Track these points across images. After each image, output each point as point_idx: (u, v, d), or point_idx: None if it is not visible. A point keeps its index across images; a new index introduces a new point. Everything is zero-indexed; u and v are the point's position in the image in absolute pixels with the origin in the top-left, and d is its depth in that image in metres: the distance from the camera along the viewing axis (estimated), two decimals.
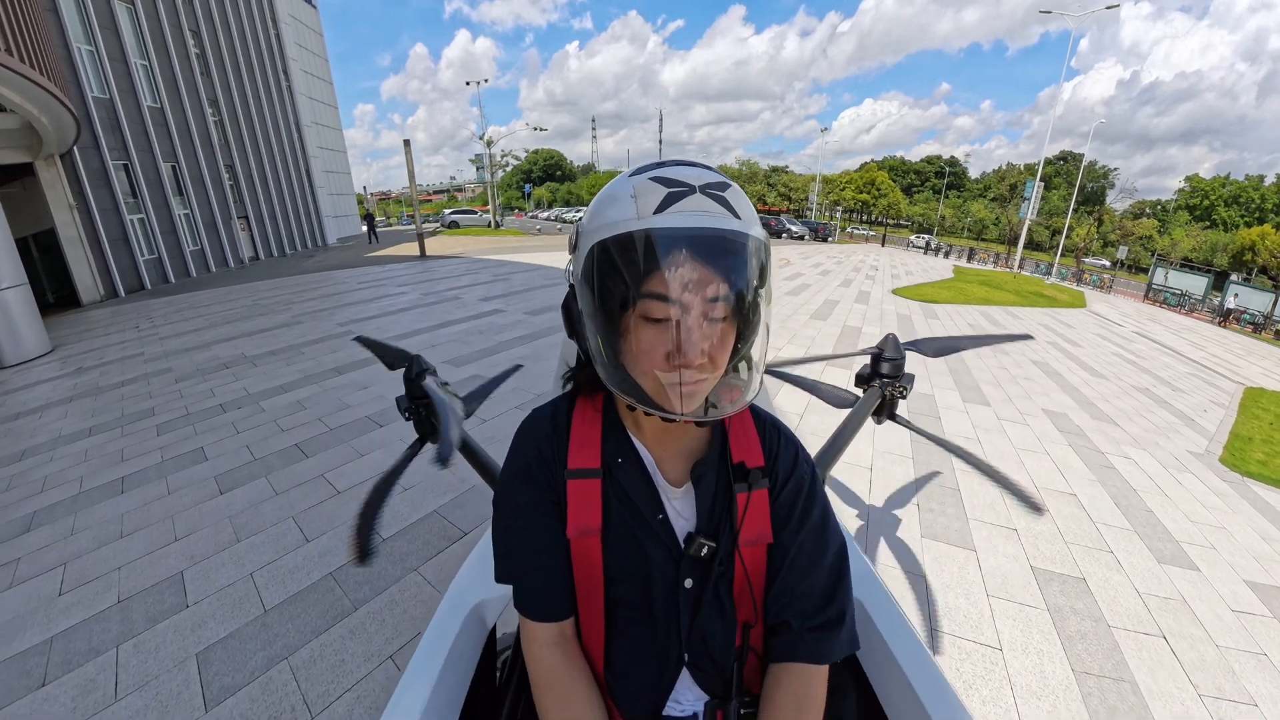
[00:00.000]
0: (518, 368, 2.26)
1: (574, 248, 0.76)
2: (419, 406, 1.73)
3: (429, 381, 1.57)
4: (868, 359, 1.89)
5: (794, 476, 0.90)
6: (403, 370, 1.74)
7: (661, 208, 0.66)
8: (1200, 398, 8.56)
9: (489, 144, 34.58)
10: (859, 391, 1.92)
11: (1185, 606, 3.02)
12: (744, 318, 0.71)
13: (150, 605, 2.63)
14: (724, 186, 0.69)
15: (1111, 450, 5.26)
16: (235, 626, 2.49)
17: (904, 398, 1.82)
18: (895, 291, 15.65)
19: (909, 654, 0.96)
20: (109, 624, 2.53)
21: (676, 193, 0.67)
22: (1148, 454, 5.36)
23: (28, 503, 3.77)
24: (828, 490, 1.53)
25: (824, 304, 12.09)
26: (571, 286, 0.77)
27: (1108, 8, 26.64)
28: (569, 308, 0.79)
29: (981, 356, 8.28)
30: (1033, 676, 2.38)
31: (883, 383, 1.82)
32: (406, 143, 16.89)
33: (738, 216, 0.67)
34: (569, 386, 0.91)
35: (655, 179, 0.69)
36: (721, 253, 0.66)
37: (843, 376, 6.56)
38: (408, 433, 4.45)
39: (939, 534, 3.37)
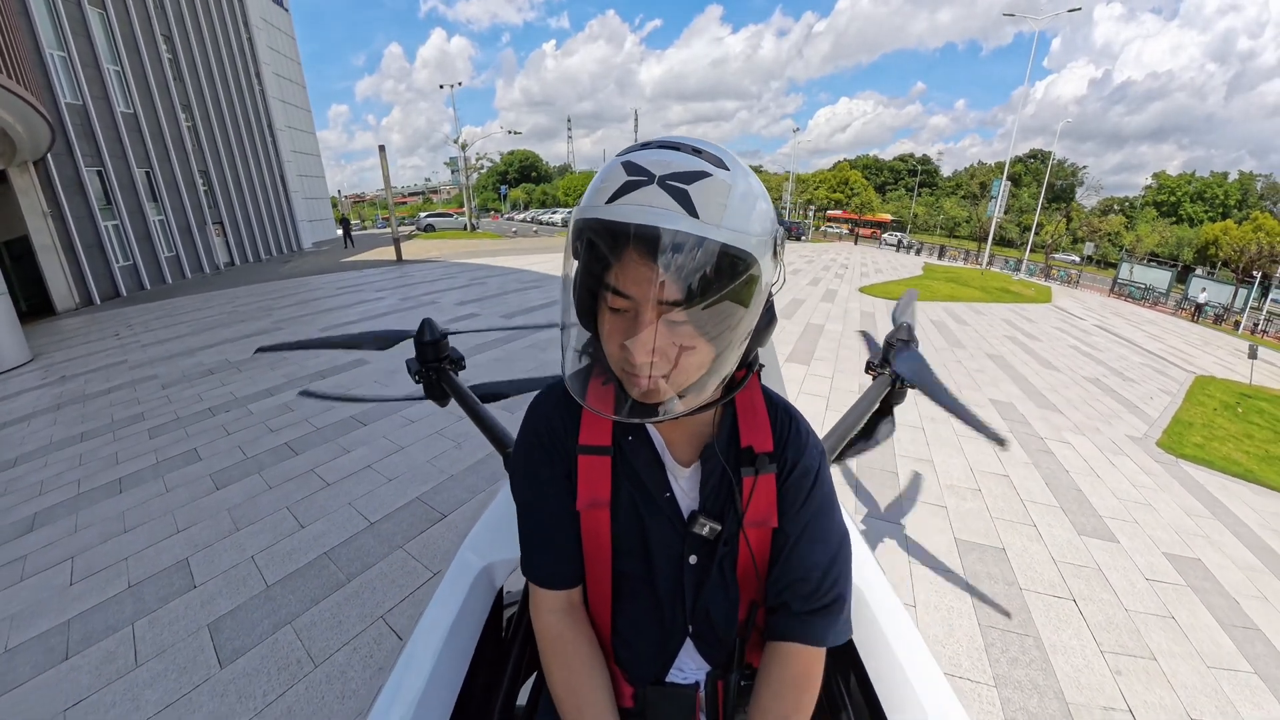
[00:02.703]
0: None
1: None
2: (429, 370, 1.78)
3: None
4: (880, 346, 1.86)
5: (802, 463, 0.90)
6: (411, 339, 1.79)
7: (615, 197, 0.63)
8: (1149, 386, 9.01)
9: (464, 147, 34.66)
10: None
11: (1099, 574, 3.36)
12: (695, 322, 0.67)
13: (160, 588, 2.89)
14: (693, 178, 0.63)
15: (1051, 436, 5.62)
16: (241, 600, 2.77)
17: (914, 387, 1.79)
18: (862, 290, 16.05)
19: (904, 642, 0.99)
20: (122, 605, 2.79)
21: (633, 182, 0.63)
22: (1086, 439, 5.72)
23: (26, 505, 3.95)
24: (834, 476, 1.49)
25: (790, 302, 12.43)
26: None
27: (1070, 11, 27.64)
28: None
29: (937, 350, 8.67)
30: (940, 629, 2.71)
31: (894, 371, 1.79)
32: (381, 148, 17.02)
33: (694, 215, 0.61)
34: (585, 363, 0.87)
35: (626, 163, 0.65)
36: (659, 251, 0.61)
37: (850, 365, 6.89)
38: (396, 430, 4.72)
39: (872, 511, 3.73)
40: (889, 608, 1.06)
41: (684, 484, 0.90)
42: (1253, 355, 11.36)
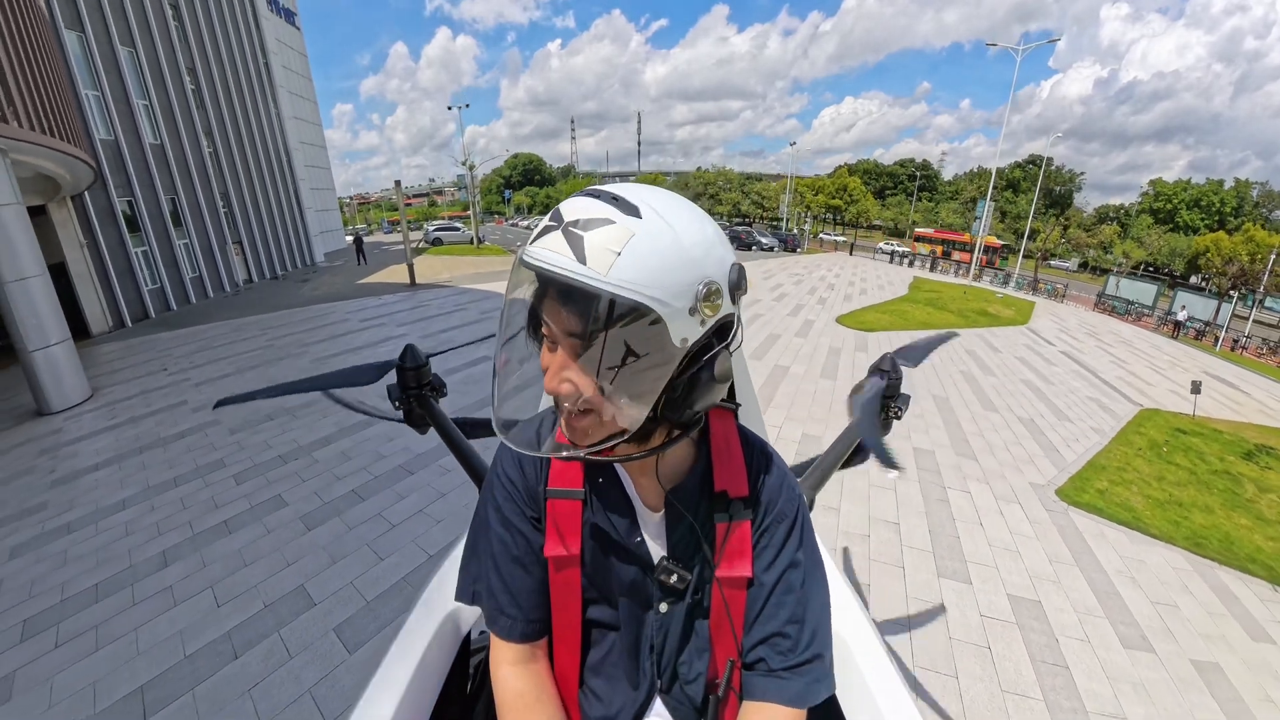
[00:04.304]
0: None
1: None
2: (409, 397, 1.80)
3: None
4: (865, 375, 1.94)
5: (778, 508, 0.88)
6: (394, 367, 1.82)
7: (534, 239, 0.68)
8: (1083, 425, 9.53)
9: (471, 168, 36.00)
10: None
11: (939, 609, 4.21)
12: (588, 364, 0.69)
13: (289, 606, 4.12)
14: (593, 225, 0.65)
15: (955, 485, 6.36)
16: (352, 612, 4.03)
17: (899, 418, 1.87)
18: (839, 320, 16.68)
19: (890, 698, 0.94)
20: (265, 620, 4.00)
21: (547, 227, 0.67)
22: (987, 487, 6.43)
23: (153, 544, 5.01)
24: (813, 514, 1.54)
25: (766, 339, 13.22)
26: None
27: (1050, 41, 29.10)
28: None
29: None
30: None
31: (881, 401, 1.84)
32: (397, 183, 18.26)
33: (582, 260, 0.63)
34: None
35: (561, 206, 0.69)
36: (555, 293, 0.67)
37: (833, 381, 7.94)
38: (436, 479, 5.90)
39: None
40: (874, 659, 1.02)
41: (654, 529, 0.89)
42: (1195, 390, 11.57)
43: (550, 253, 0.65)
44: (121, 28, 17.09)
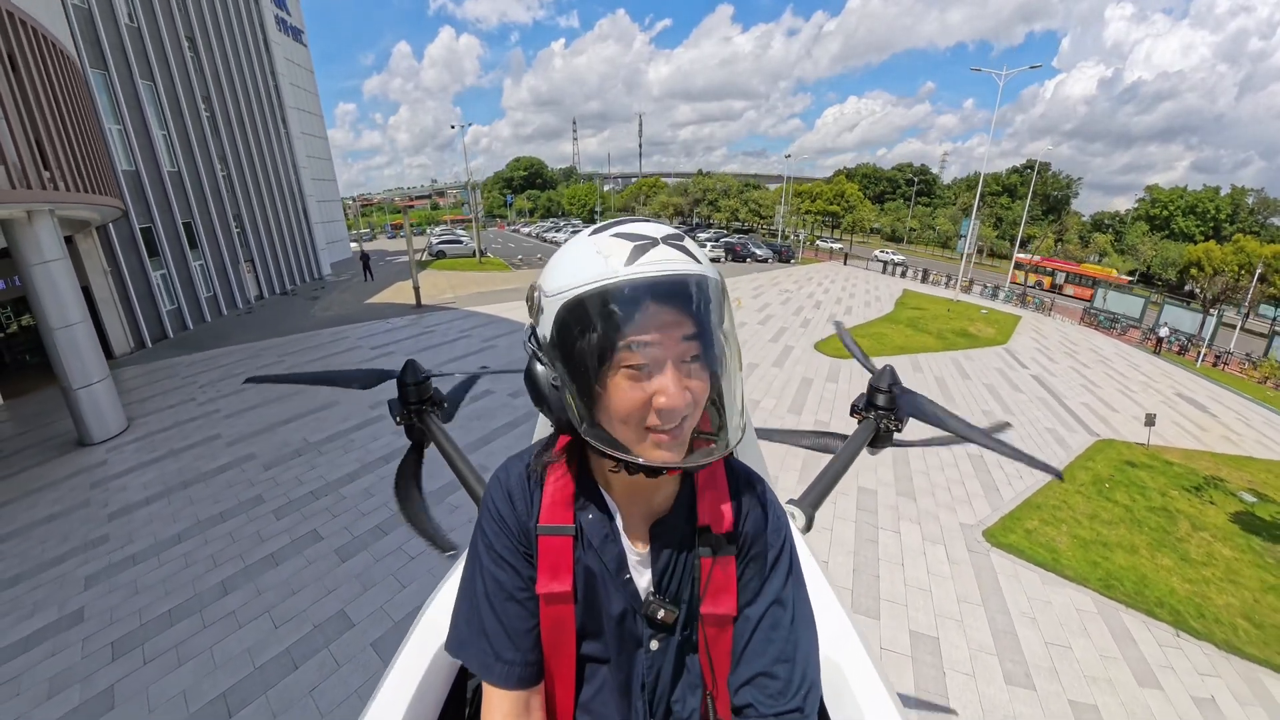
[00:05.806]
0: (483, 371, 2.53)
1: (537, 310, 0.78)
2: (410, 412, 1.81)
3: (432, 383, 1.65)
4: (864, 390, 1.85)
5: (763, 542, 0.88)
6: (394, 380, 1.80)
7: (631, 259, 0.70)
8: None
9: (473, 188, 37.12)
10: (854, 422, 1.91)
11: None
12: (718, 358, 0.73)
13: (333, 627, 5.17)
14: (680, 237, 0.74)
15: (887, 526, 6.84)
16: (384, 631, 5.09)
17: (898, 430, 1.86)
18: (817, 346, 16.91)
19: None
20: (316, 639, 5.05)
21: (642, 245, 0.71)
22: (917, 528, 6.85)
23: (212, 574, 5.97)
24: (809, 537, 1.52)
25: (745, 369, 13.50)
26: (533, 353, 0.77)
27: (1031, 67, 30.18)
28: (533, 377, 0.77)
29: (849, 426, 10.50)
30: None
31: (878, 414, 1.85)
32: (407, 210, 19.26)
33: (699, 262, 0.72)
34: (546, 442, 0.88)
35: (617, 235, 0.73)
36: (691, 297, 0.70)
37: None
38: (446, 516, 6.87)
39: None
40: (869, 683, 1.01)
41: (641, 565, 0.89)
42: (1149, 423, 11.63)
43: (673, 263, 0.71)
44: (142, 63, 18.10)
